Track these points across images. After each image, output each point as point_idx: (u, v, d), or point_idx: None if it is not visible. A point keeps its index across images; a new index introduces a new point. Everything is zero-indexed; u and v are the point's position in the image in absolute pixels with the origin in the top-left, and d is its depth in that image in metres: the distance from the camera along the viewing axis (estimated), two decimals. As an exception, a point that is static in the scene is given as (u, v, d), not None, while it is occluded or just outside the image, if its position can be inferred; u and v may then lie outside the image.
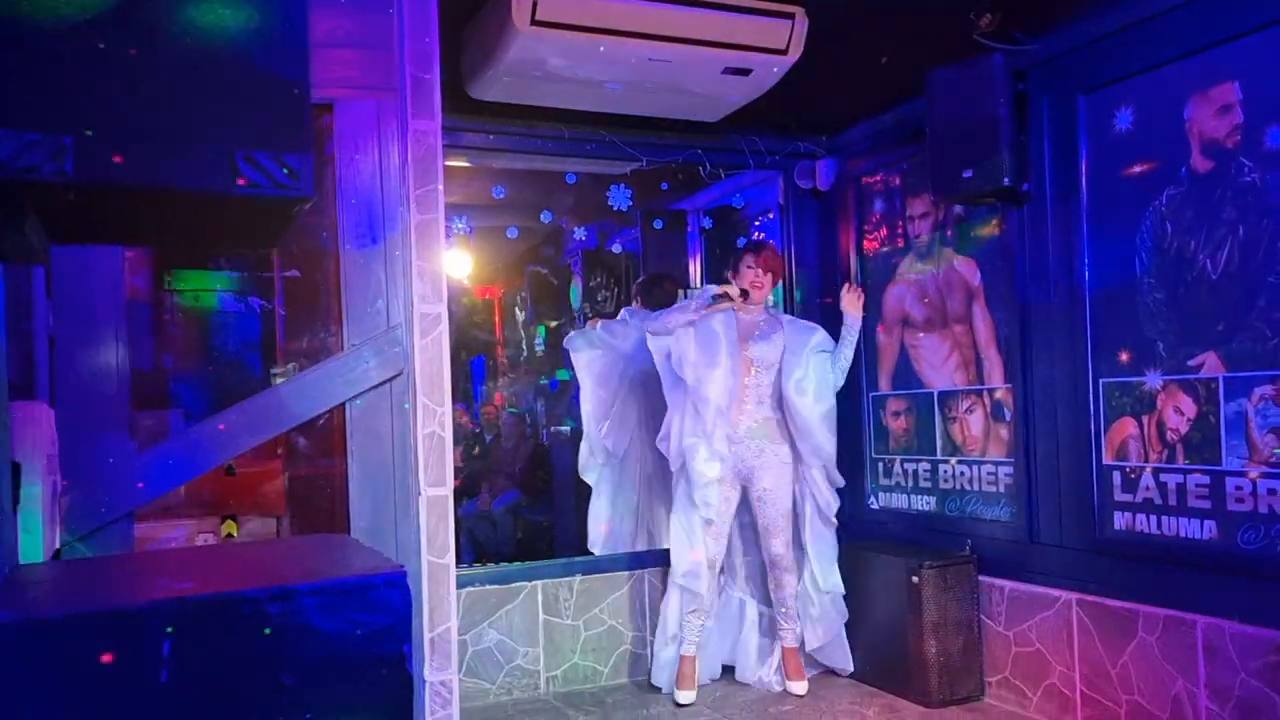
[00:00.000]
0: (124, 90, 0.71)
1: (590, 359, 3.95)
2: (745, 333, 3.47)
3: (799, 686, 3.47)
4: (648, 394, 3.91)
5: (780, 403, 3.48)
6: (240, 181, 0.74)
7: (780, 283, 3.65)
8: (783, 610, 3.51)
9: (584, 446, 4.00)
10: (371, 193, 2.23)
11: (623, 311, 4.14)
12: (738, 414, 3.41)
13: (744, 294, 3.38)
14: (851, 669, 3.57)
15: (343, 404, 2.26)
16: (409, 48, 2.12)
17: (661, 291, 4.20)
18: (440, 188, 2.28)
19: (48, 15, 0.68)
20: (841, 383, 3.53)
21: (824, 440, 3.45)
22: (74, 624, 0.74)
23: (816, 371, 3.48)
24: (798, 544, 3.54)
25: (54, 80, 0.69)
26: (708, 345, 3.37)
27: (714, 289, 3.45)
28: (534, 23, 2.84)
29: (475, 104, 3.34)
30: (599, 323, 4.09)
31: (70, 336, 1.80)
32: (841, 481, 3.55)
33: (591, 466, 4.00)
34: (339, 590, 0.81)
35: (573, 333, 4.17)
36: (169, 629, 0.74)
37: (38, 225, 0.77)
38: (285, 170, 0.77)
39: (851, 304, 3.54)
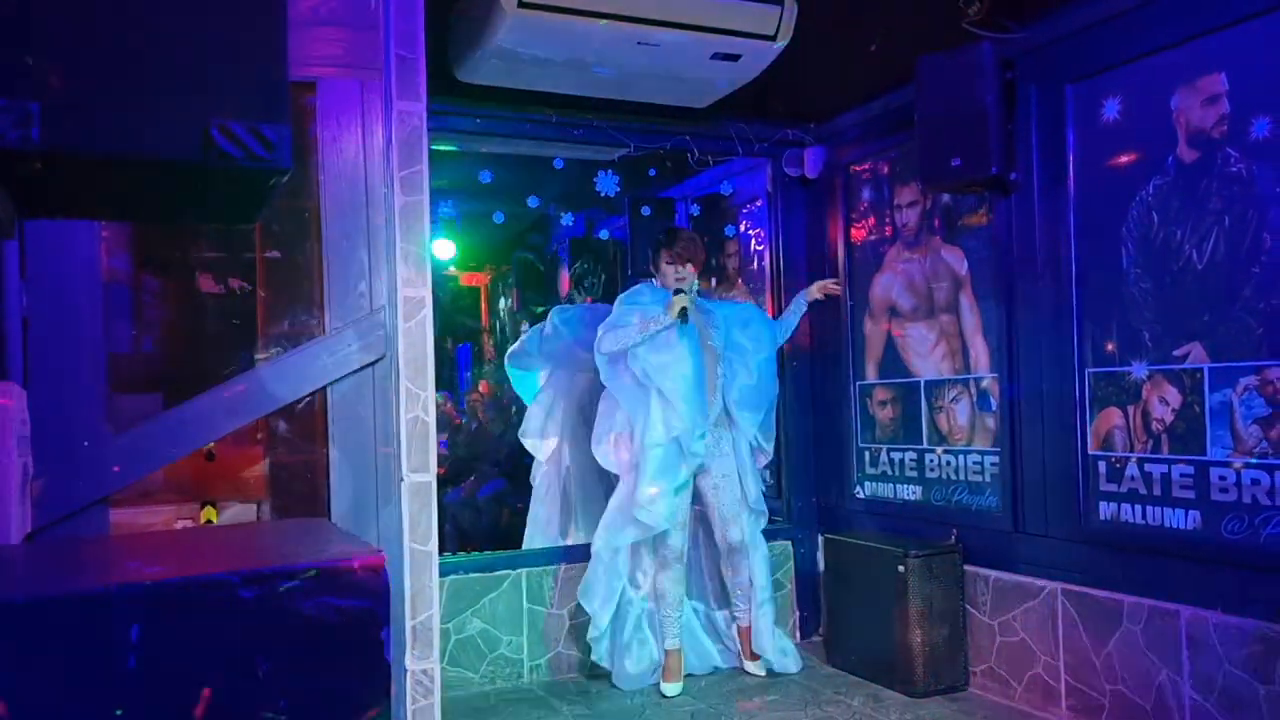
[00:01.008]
0: (94, 56, 0.69)
1: (538, 376, 4.08)
2: (700, 326, 3.43)
3: (756, 666, 3.51)
4: (574, 395, 4.03)
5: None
6: (215, 152, 0.72)
7: (700, 270, 3.49)
8: (739, 593, 3.52)
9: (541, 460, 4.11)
10: (355, 174, 2.20)
11: (553, 316, 4.09)
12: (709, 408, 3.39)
13: (678, 293, 3.26)
14: (797, 667, 3.52)
15: (324, 388, 2.23)
16: (394, 27, 2.08)
17: (598, 281, 4.28)
18: (425, 170, 2.24)
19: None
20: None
21: (768, 409, 3.55)
22: (39, 608, 0.71)
23: (771, 347, 3.59)
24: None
25: (20, 44, 0.66)
26: (669, 348, 3.28)
27: (645, 289, 3.40)
28: (522, 5, 2.81)
29: (462, 87, 3.30)
30: (523, 337, 4.19)
31: (45, 317, 1.76)
32: (763, 460, 3.61)
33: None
34: (315, 574, 0.79)
35: (513, 349, 4.17)
36: (138, 614, 0.72)
37: (4, 197, 0.74)
38: (261, 141, 0.74)
39: (820, 290, 3.74)
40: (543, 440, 4.10)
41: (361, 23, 2.11)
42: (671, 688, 3.39)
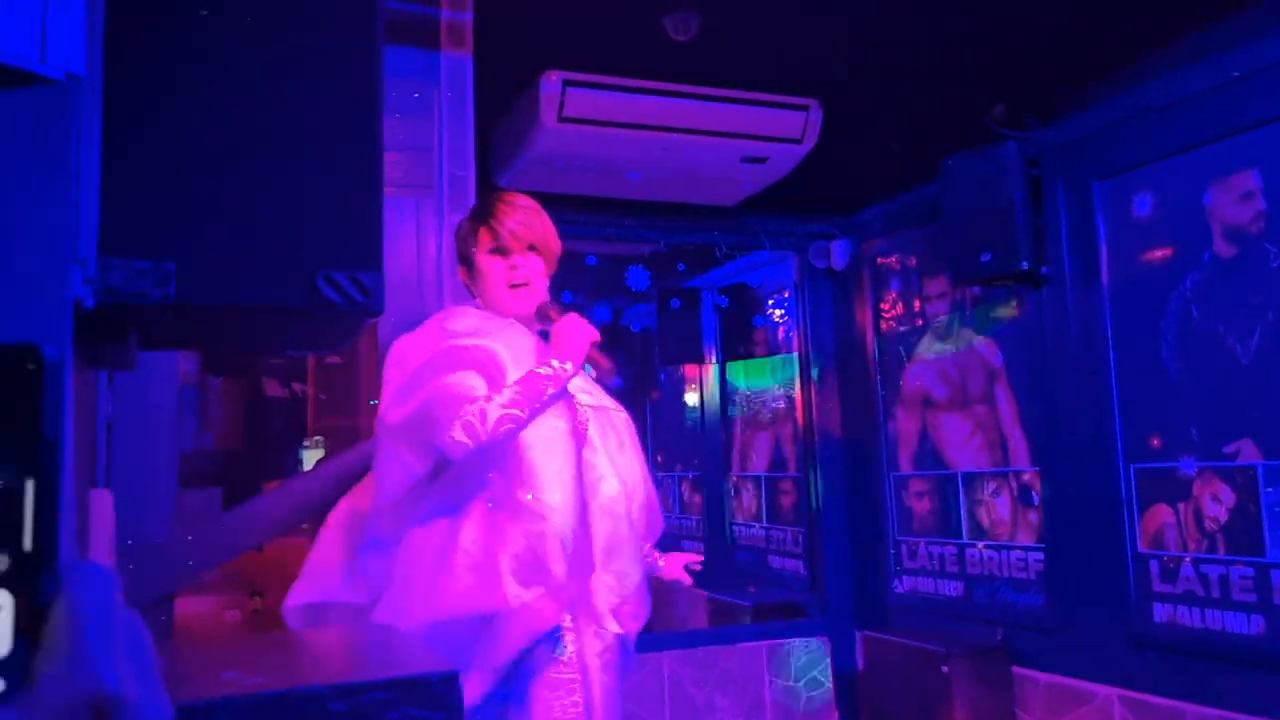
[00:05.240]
0: (222, 219, 0.79)
1: None
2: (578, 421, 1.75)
3: None
4: None
5: None
6: (320, 299, 0.82)
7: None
8: None
9: None
10: (409, 281, 2.32)
11: None
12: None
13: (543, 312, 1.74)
14: None
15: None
16: (447, 147, 2.24)
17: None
18: (473, 276, 2.37)
19: (159, 153, 0.76)
20: None
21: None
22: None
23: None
24: None
25: (162, 212, 0.77)
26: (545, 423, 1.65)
27: (462, 318, 1.75)
28: (561, 119, 2.99)
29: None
30: None
31: (127, 422, 1.86)
32: None
33: None
34: (397, 686, 0.84)
35: None
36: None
37: (135, 337, 0.84)
38: (360, 288, 0.84)
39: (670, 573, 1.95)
40: None
41: (418, 145, 2.28)
42: None
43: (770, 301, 4.83)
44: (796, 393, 4.38)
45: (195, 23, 0.83)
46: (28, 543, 0.29)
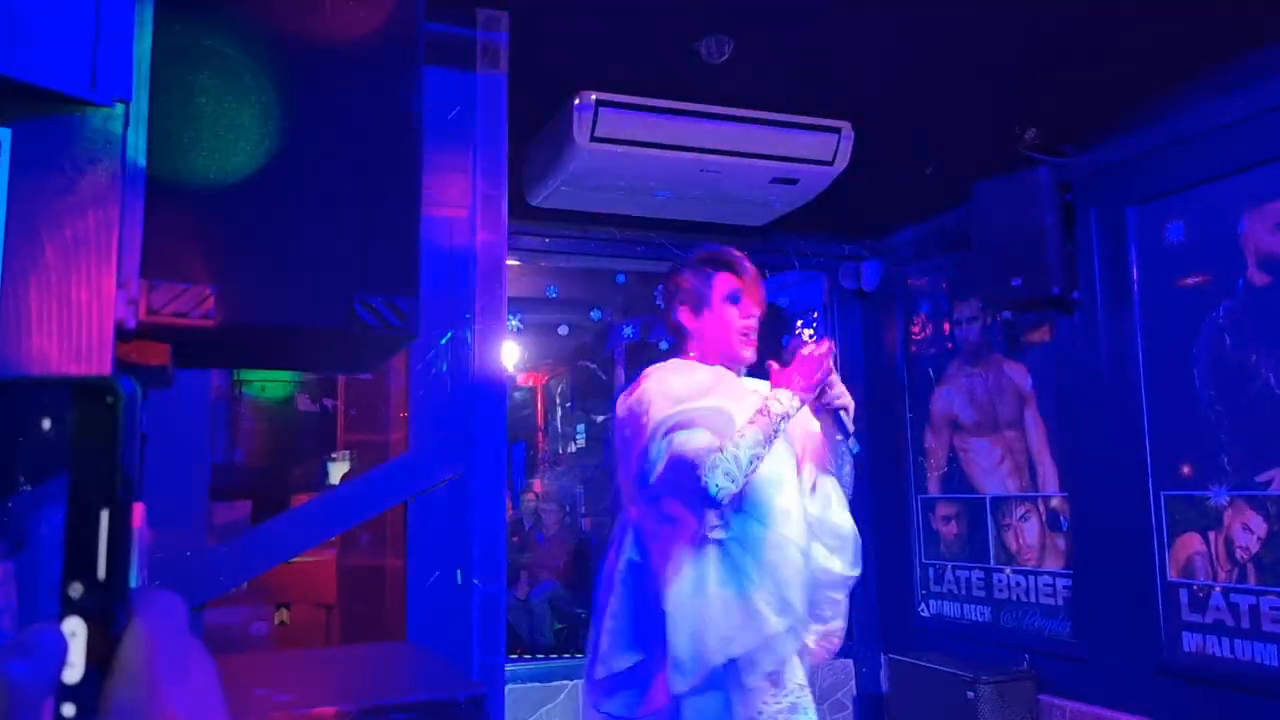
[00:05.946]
0: (260, 244, 0.82)
1: None
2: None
3: None
4: None
5: None
6: (356, 323, 0.83)
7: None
8: None
9: None
10: (440, 301, 2.35)
11: None
12: None
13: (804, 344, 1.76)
14: None
15: (405, 502, 2.31)
16: (480, 168, 2.27)
17: None
18: (504, 295, 2.39)
19: (201, 178, 0.79)
20: None
21: None
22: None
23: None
24: None
25: (201, 236, 0.79)
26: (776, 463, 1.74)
27: (689, 373, 1.79)
28: (593, 140, 3.01)
29: (532, 210, 3.52)
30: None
31: (159, 434, 1.90)
32: None
33: None
34: (425, 707, 0.85)
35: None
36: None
37: (173, 356, 0.87)
38: (396, 312, 0.86)
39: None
40: None
41: (453, 166, 2.31)
42: None
43: (799, 322, 4.82)
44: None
45: (240, 49, 0.86)
46: (102, 572, 0.30)
